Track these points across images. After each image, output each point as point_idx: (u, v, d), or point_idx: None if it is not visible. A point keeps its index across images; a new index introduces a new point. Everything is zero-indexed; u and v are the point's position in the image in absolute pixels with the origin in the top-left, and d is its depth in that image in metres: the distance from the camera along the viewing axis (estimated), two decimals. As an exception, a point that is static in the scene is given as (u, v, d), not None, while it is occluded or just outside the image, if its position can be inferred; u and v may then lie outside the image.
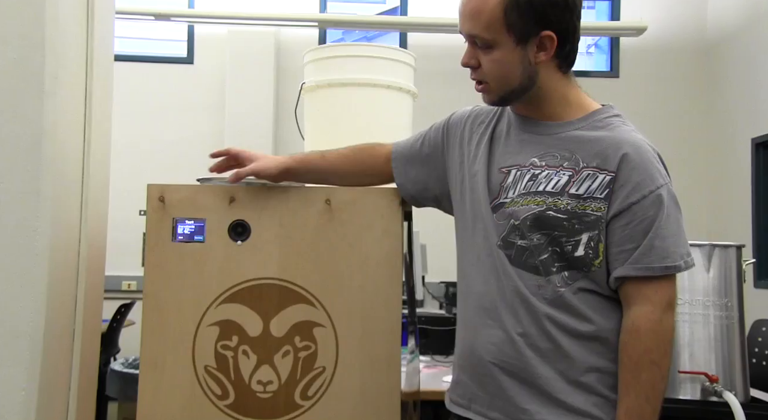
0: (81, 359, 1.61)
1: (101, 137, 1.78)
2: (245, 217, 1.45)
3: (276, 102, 5.14)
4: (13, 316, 1.33)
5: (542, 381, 1.18)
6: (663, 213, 1.16)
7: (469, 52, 1.23)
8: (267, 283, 1.44)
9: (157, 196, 1.44)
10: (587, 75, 5.37)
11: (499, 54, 1.19)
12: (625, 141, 1.20)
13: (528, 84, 1.22)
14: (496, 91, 1.24)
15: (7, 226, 1.35)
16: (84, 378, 1.65)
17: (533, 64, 1.20)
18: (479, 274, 1.25)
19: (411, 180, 1.43)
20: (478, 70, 1.23)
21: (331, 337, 1.45)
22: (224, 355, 1.43)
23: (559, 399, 1.18)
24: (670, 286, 1.18)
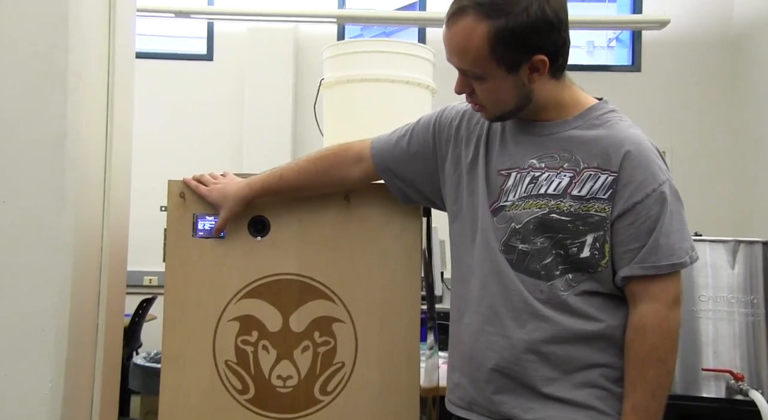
0: (104, 353, 1.64)
1: (123, 134, 1.80)
2: (264, 213, 1.47)
3: (295, 98, 5.16)
4: (40, 310, 1.35)
5: (543, 383, 1.18)
6: (666, 210, 1.15)
7: (461, 81, 1.20)
8: (286, 278, 1.46)
9: (177, 192, 1.46)
10: (608, 69, 5.32)
11: (492, 84, 1.17)
12: (626, 139, 1.18)
13: (524, 103, 1.20)
14: (493, 112, 1.23)
15: (31, 223, 1.37)
16: (108, 371, 1.68)
17: (527, 85, 1.18)
18: (478, 278, 1.23)
19: (399, 178, 1.39)
20: (473, 95, 1.21)
21: (350, 332, 1.46)
22: (244, 349, 1.44)
23: (561, 397, 1.18)
24: (675, 282, 1.17)
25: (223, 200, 1.42)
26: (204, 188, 1.45)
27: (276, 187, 1.43)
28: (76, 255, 1.43)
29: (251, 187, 1.43)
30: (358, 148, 1.41)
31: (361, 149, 1.41)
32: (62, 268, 1.38)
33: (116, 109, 1.70)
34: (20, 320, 1.35)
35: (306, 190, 1.44)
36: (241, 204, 1.42)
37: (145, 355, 3.23)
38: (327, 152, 1.45)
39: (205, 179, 1.47)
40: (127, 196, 1.95)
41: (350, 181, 1.42)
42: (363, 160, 1.40)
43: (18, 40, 1.37)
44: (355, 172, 1.41)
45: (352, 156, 1.41)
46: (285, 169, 1.44)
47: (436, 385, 1.72)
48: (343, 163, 1.41)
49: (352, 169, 1.41)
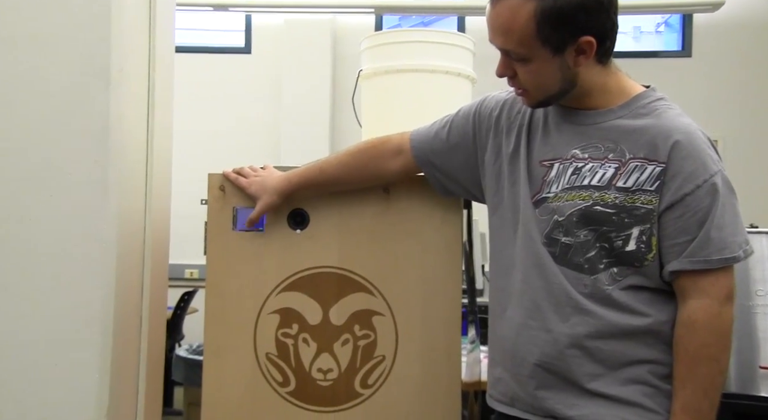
0: (148, 344, 1.68)
1: (163, 128, 1.84)
2: (304, 206, 1.48)
3: (333, 90, 5.18)
4: (86, 303, 1.39)
5: (587, 379, 1.17)
6: (718, 202, 1.13)
7: (504, 63, 1.19)
8: (326, 271, 1.47)
9: (217, 185, 1.48)
10: (656, 55, 5.21)
11: (536, 66, 1.15)
12: (674, 128, 1.16)
13: (568, 87, 1.18)
14: (535, 97, 1.21)
15: (76, 215, 1.41)
16: (151, 363, 1.72)
17: (572, 68, 1.16)
18: (519, 271, 1.22)
19: (439, 170, 1.39)
20: (515, 78, 1.19)
21: (390, 325, 1.47)
22: (285, 342, 1.46)
23: (606, 393, 1.16)
24: (728, 277, 1.15)
25: (262, 192, 1.44)
26: (243, 180, 1.47)
27: (315, 181, 1.44)
28: (120, 248, 1.47)
29: (290, 180, 1.44)
30: (397, 141, 1.42)
31: (401, 142, 1.41)
32: (107, 260, 1.41)
33: (157, 103, 1.73)
34: (67, 312, 1.39)
35: (345, 184, 1.45)
36: (279, 196, 1.44)
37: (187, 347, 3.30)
38: (366, 145, 1.46)
39: (245, 172, 1.49)
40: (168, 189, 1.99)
41: (390, 174, 1.43)
42: (402, 152, 1.40)
43: (61, 36, 1.41)
44: (395, 164, 1.41)
45: (392, 149, 1.41)
46: (324, 162, 1.45)
47: (478, 379, 1.73)
48: (383, 156, 1.42)
49: (391, 161, 1.41)
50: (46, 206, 1.40)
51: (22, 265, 1.39)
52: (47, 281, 1.39)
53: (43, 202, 1.40)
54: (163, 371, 1.96)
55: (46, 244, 1.40)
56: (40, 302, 1.39)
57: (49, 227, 1.40)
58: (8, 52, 1.40)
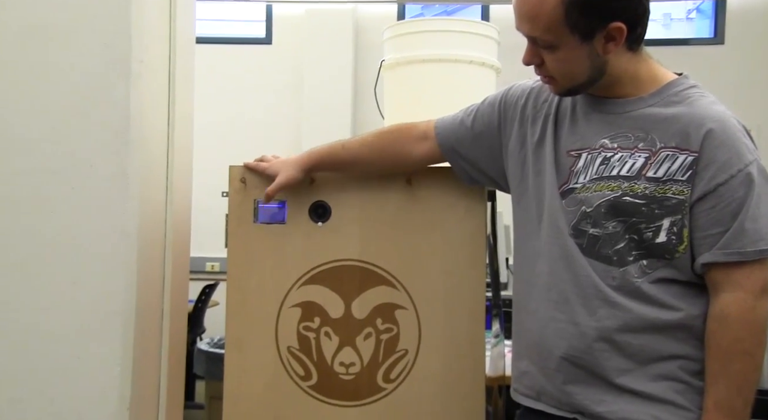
0: (170, 338, 1.70)
1: (184, 119, 1.85)
2: (325, 198, 1.49)
3: (355, 81, 5.18)
4: (107, 295, 1.41)
5: (615, 373, 1.15)
6: (754, 192, 1.10)
7: (530, 51, 1.17)
8: (348, 264, 1.47)
9: (238, 177, 1.49)
10: (687, 43, 5.13)
11: (564, 53, 1.14)
12: (708, 116, 1.13)
13: (597, 75, 1.16)
14: (563, 86, 1.19)
15: (97, 208, 1.42)
16: (173, 356, 1.74)
17: (602, 56, 1.14)
18: (546, 263, 1.21)
19: (463, 158, 1.39)
20: (543, 66, 1.18)
21: (413, 319, 1.47)
22: (306, 336, 1.47)
23: (635, 389, 1.15)
24: (763, 270, 1.12)
25: (282, 168, 1.44)
26: (263, 163, 1.48)
27: (337, 157, 1.44)
28: (141, 241, 1.48)
29: (311, 153, 1.45)
30: (423, 127, 1.42)
31: (426, 128, 1.41)
32: (128, 253, 1.43)
33: (177, 94, 1.74)
34: (89, 305, 1.41)
35: (367, 164, 1.45)
36: (299, 170, 1.43)
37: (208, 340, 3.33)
38: (392, 127, 1.47)
39: (265, 158, 1.50)
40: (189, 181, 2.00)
41: (413, 159, 1.43)
42: (427, 139, 1.41)
43: (81, 28, 1.43)
44: (419, 150, 1.41)
45: (418, 133, 1.42)
46: (348, 140, 1.47)
47: (502, 373, 1.72)
48: (408, 140, 1.42)
49: (416, 146, 1.41)
50: (67, 199, 1.42)
51: (44, 258, 1.41)
52: (68, 274, 1.41)
53: (64, 195, 1.42)
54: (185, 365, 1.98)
55: (67, 238, 1.41)
56: (61, 295, 1.41)
57: (70, 220, 1.42)
58: (27, 44, 1.42)
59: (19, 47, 1.41)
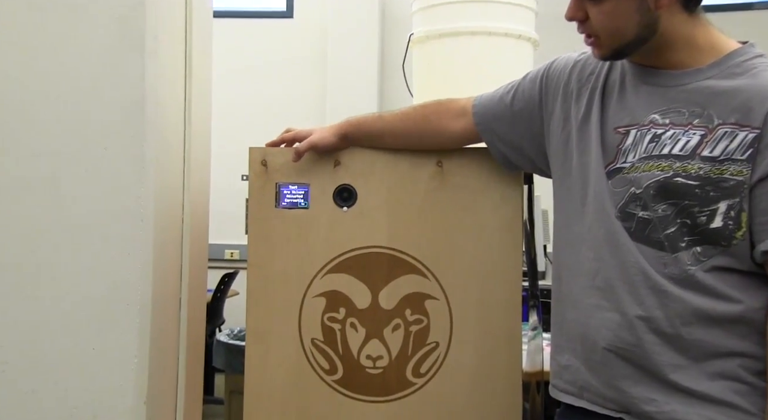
0: (188, 329, 1.72)
1: (202, 98, 1.86)
2: (351, 182, 1.49)
3: (381, 56, 5.16)
4: (123, 283, 1.43)
5: (669, 369, 1.12)
6: None
7: (575, 4, 1.15)
8: (375, 251, 1.48)
9: (259, 160, 1.49)
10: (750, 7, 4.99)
11: (610, 5, 1.11)
12: None
13: (647, 34, 1.13)
14: (608, 46, 1.16)
15: (111, 192, 1.44)
16: (191, 348, 1.76)
17: (653, 10, 1.11)
18: (590, 248, 1.19)
19: (501, 139, 1.38)
20: (586, 23, 1.15)
21: (444, 310, 1.47)
22: (331, 327, 1.48)
23: (690, 388, 1.12)
24: None
25: (318, 128, 1.47)
26: (289, 133, 1.50)
27: (373, 126, 1.47)
28: (157, 227, 1.49)
29: (347, 119, 1.48)
30: (462, 103, 1.43)
31: (466, 104, 1.42)
32: (144, 239, 1.44)
33: (194, 71, 1.75)
34: (104, 294, 1.43)
35: (402, 137, 1.47)
36: (334, 134, 1.46)
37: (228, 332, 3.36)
38: (432, 101, 1.48)
39: (291, 128, 1.52)
40: (208, 164, 2.02)
41: (449, 134, 1.43)
42: (465, 115, 1.41)
43: (92, 2, 1.43)
44: (456, 125, 1.42)
45: (456, 108, 1.43)
46: (385, 111, 1.51)
47: (540, 369, 1.71)
48: (446, 114, 1.43)
49: (453, 122, 1.42)
50: (79, 183, 1.43)
51: (56, 245, 1.43)
52: (82, 262, 1.43)
53: (76, 178, 1.43)
54: (204, 357, 2.00)
55: (80, 224, 1.43)
56: (75, 283, 1.43)
57: (84, 205, 1.44)
58: (36, 19, 1.43)
59: (28, 23, 1.42)
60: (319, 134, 1.46)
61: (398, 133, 1.46)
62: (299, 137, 1.49)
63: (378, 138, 1.48)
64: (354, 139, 1.48)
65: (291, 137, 1.50)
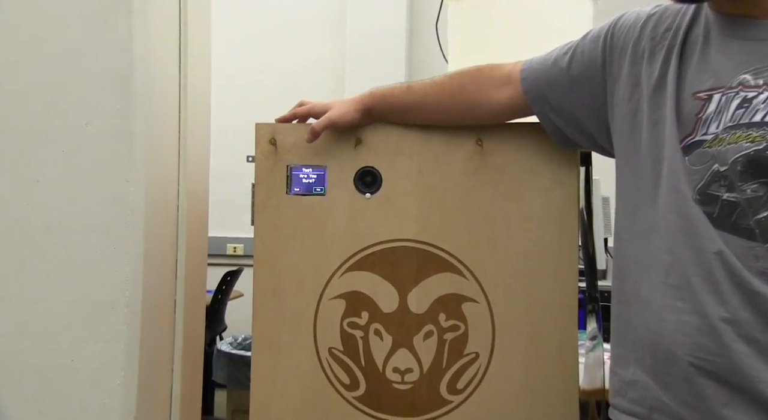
0: (184, 337, 1.73)
1: (200, 66, 1.86)
2: (375, 164, 1.49)
3: (410, 16, 5.14)
4: (108, 283, 1.43)
5: (763, 386, 1.12)
6: None
7: None
8: (403, 246, 1.48)
9: (267, 138, 1.49)
10: None
11: None
12: None
13: None
14: None
15: (95, 175, 1.44)
16: (188, 359, 1.77)
17: None
18: (662, 239, 1.17)
19: (555, 109, 1.36)
20: None
21: (485, 315, 1.46)
22: (352, 335, 1.48)
23: None
24: None
25: (337, 102, 1.47)
26: (303, 107, 1.50)
27: (400, 99, 1.47)
28: (149, 217, 1.50)
29: (371, 92, 1.47)
30: (508, 69, 1.42)
31: (512, 70, 1.41)
32: (132, 232, 1.45)
33: (191, 35, 1.75)
34: (85, 297, 1.44)
35: (435, 110, 1.46)
36: (356, 108, 1.46)
37: (231, 340, 3.39)
38: (470, 68, 1.47)
39: (305, 101, 1.52)
40: (207, 143, 2.02)
41: (491, 107, 1.42)
42: (511, 83, 1.40)
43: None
44: (500, 95, 1.41)
45: (500, 76, 1.41)
46: (414, 82, 1.48)
47: (601, 386, 1.71)
48: (487, 82, 1.42)
49: (496, 91, 1.41)
50: (56, 165, 1.44)
51: (27, 239, 1.44)
52: (58, 258, 1.44)
53: (53, 160, 1.44)
54: (202, 370, 2.01)
55: (57, 214, 1.44)
56: (52, 284, 1.44)
57: (61, 192, 1.44)
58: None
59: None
60: (338, 109, 1.46)
61: (431, 107, 1.46)
62: (315, 112, 1.49)
63: (407, 113, 1.48)
64: (379, 115, 1.48)
65: (305, 112, 1.50)
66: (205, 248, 2.03)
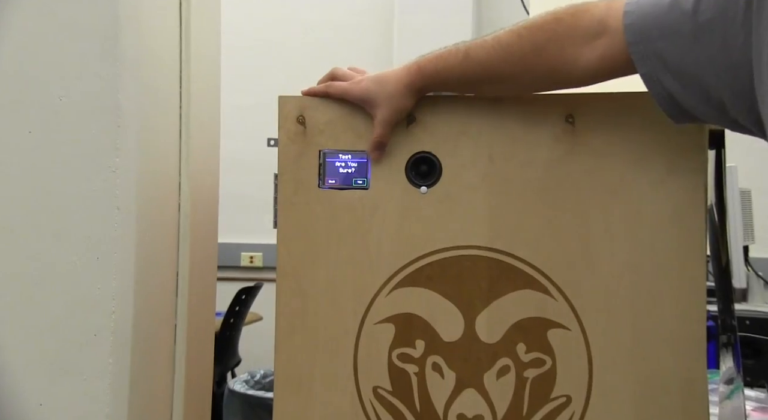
0: (186, 372, 1.74)
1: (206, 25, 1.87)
2: (433, 148, 1.49)
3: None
4: (88, 303, 1.44)
5: None
6: None
7: None
8: (470, 255, 1.47)
9: (294, 114, 1.50)
10: None
11: None
12: None
13: None
14: None
15: (71, 163, 1.45)
16: (192, 402, 1.78)
17: None
18: None
19: (671, 69, 1.30)
20: None
21: (578, 346, 1.46)
22: (404, 370, 1.48)
23: None
24: None
25: (380, 89, 1.46)
26: (340, 84, 1.50)
27: (456, 72, 1.44)
28: (141, 217, 1.51)
29: (420, 66, 1.46)
30: (599, 13, 1.36)
31: (605, 16, 1.35)
32: (121, 239, 1.46)
33: (195, -18, 1.76)
34: (59, 320, 1.45)
35: (502, 82, 1.44)
36: (409, 92, 1.45)
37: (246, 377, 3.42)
38: (546, 18, 1.42)
39: (339, 73, 1.52)
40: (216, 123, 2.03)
41: (577, 71, 1.38)
42: (606, 32, 1.34)
43: None
44: (590, 53, 1.36)
45: (588, 24, 1.36)
46: (473, 43, 1.45)
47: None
48: (571, 37, 1.37)
49: (584, 48, 1.36)
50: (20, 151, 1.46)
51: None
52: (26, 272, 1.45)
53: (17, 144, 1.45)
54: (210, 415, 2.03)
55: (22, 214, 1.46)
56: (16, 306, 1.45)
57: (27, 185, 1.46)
58: None
59: None
60: (387, 105, 1.46)
61: (496, 78, 1.43)
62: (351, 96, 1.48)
63: (466, 88, 1.48)
64: (431, 91, 1.48)
65: (339, 94, 1.50)
66: (215, 258, 2.04)
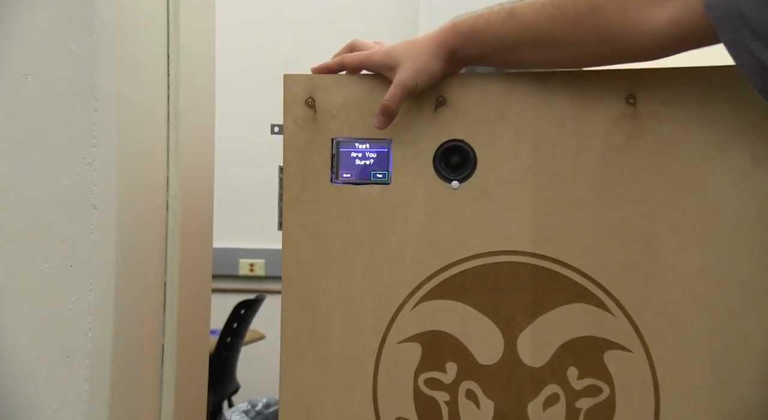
0: (176, 400, 1.74)
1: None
2: (465, 136, 1.49)
3: None
4: (60, 319, 1.45)
5: None
6: None
7: None
8: (510, 261, 1.48)
9: (303, 96, 1.50)
10: None
11: None
12: None
13: None
14: None
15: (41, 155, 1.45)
16: (182, 435, 1.78)
17: None
18: None
19: (758, 34, 1.28)
20: None
21: (642, 371, 1.45)
22: (432, 398, 1.48)
23: None
24: None
25: (406, 48, 1.47)
26: (358, 54, 1.51)
27: (498, 33, 1.44)
28: (123, 219, 1.51)
29: (456, 24, 1.46)
30: None
31: None
32: (99, 242, 1.47)
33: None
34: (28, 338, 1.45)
35: (552, 47, 1.43)
36: (439, 55, 1.45)
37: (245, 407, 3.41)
38: None
39: (359, 44, 1.53)
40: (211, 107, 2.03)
41: (642, 38, 1.37)
42: None
43: None
44: (658, 16, 1.35)
45: None
46: (519, 3, 1.45)
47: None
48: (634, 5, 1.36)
49: (651, 9, 1.35)
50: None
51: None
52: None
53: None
54: (206, 450, 2.03)
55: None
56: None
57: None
58: None
59: None
60: (410, 66, 1.46)
61: (544, 42, 1.43)
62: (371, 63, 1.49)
63: (509, 53, 1.46)
64: (468, 59, 1.48)
65: (357, 64, 1.51)
66: (209, 266, 2.04)
